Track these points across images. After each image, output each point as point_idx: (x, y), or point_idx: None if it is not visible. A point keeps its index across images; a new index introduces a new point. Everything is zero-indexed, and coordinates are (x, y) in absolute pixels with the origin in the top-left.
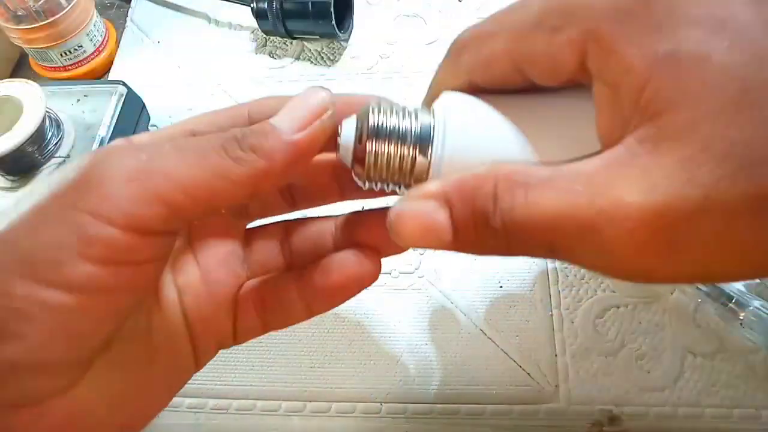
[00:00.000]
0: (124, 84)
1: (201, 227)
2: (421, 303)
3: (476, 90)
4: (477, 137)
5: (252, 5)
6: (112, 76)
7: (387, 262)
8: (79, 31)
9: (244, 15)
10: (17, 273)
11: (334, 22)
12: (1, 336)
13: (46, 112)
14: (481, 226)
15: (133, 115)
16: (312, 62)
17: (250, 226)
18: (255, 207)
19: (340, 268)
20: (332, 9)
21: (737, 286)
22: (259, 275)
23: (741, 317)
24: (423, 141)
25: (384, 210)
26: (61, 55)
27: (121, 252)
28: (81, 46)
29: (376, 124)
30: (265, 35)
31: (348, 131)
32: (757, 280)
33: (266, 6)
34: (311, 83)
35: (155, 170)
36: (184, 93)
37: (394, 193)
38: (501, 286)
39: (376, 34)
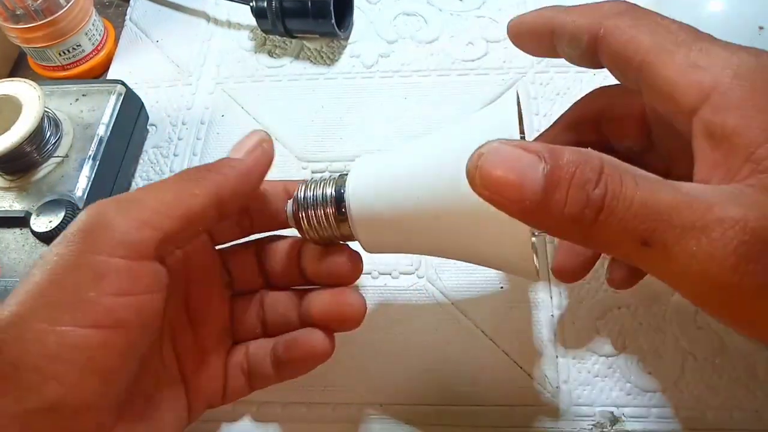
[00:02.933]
0: (123, 83)
1: (197, 298)
2: (421, 303)
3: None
4: (377, 188)
5: (251, 4)
6: (110, 75)
7: (387, 263)
8: (77, 30)
9: (244, 14)
10: (46, 320)
11: (333, 20)
12: (42, 379)
13: (45, 111)
14: (576, 190)
15: (131, 114)
16: (311, 61)
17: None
18: (237, 273)
19: (300, 346)
20: (332, 8)
21: None
22: (242, 341)
23: None
24: (338, 201)
25: (340, 289)
26: (59, 54)
27: (128, 280)
28: (79, 46)
29: (302, 197)
30: (264, 34)
31: (289, 206)
32: None
33: (265, 5)
34: (311, 82)
35: (139, 204)
36: (183, 92)
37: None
38: (502, 287)
39: (376, 32)
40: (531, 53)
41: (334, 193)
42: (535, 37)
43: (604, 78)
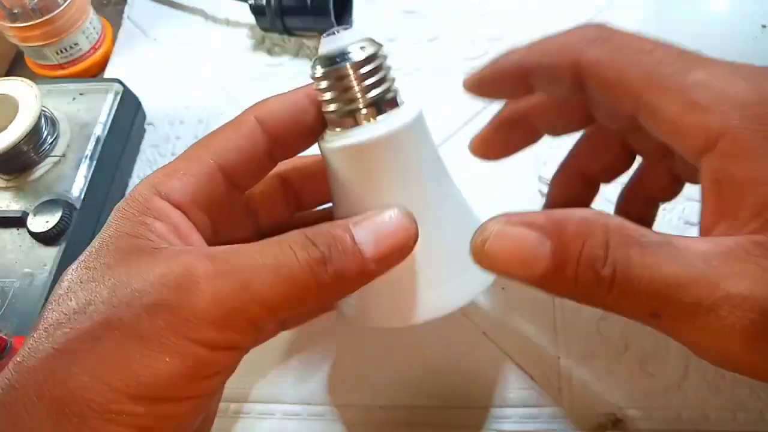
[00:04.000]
0: (120, 82)
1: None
2: None
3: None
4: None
5: (250, 2)
6: (108, 74)
7: None
8: (75, 28)
9: (242, 12)
10: (133, 397)
11: (333, 18)
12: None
13: (42, 110)
14: (585, 269)
15: (129, 113)
16: (311, 59)
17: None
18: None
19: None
20: (331, 5)
21: None
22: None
23: None
24: (379, 103)
25: None
26: (56, 53)
27: (220, 365)
28: (77, 44)
29: (362, 60)
30: (263, 32)
31: (339, 42)
32: None
33: (264, 2)
34: (310, 81)
35: (250, 298)
36: (181, 91)
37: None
38: (503, 288)
39: (376, 30)
40: (502, 98)
41: (384, 95)
42: (508, 83)
43: None
